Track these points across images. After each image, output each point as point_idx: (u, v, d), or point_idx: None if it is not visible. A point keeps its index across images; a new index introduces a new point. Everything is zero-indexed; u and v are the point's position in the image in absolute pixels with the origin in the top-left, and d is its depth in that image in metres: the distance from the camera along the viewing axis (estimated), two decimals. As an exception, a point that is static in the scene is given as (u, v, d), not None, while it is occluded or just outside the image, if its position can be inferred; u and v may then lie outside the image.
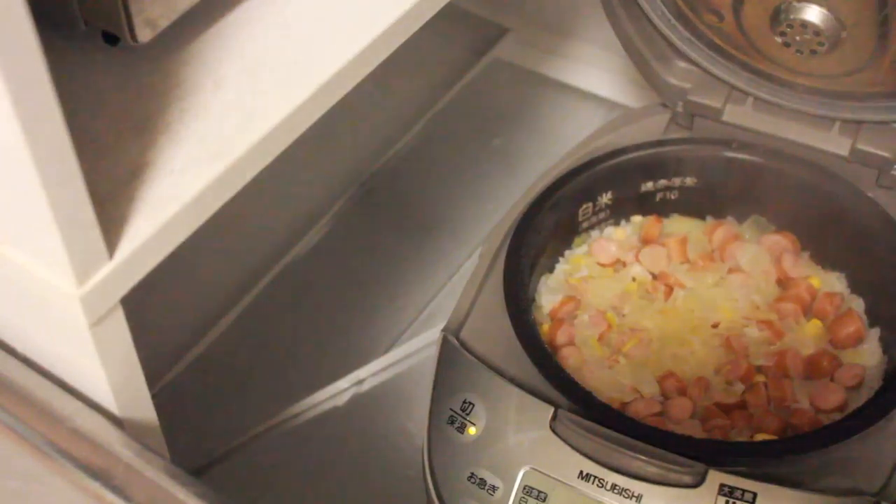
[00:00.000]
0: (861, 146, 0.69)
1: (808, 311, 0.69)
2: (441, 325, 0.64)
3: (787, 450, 0.56)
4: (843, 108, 0.70)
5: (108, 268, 0.44)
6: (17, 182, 0.41)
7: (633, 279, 0.71)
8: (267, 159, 0.51)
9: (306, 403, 0.80)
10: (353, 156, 0.99)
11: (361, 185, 0.97)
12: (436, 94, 1.04)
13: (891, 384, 0.60)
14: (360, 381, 0.81)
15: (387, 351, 0.83)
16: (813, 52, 0.67)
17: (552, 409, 0.57)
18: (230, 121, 0.50)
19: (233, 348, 0.84)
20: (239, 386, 0.82)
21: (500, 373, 0.59)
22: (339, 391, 0.81)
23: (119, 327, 0.46)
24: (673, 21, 0.71)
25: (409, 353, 0.82)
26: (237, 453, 0.77)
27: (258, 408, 0.80)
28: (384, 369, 0.81)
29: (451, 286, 0.88)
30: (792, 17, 0.66)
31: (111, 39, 0.52)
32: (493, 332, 0.62)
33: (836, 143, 0.70)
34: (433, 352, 0.62)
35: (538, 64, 1.05)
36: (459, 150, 1.00)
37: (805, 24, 0.66)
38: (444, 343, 0.62)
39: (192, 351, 0.83)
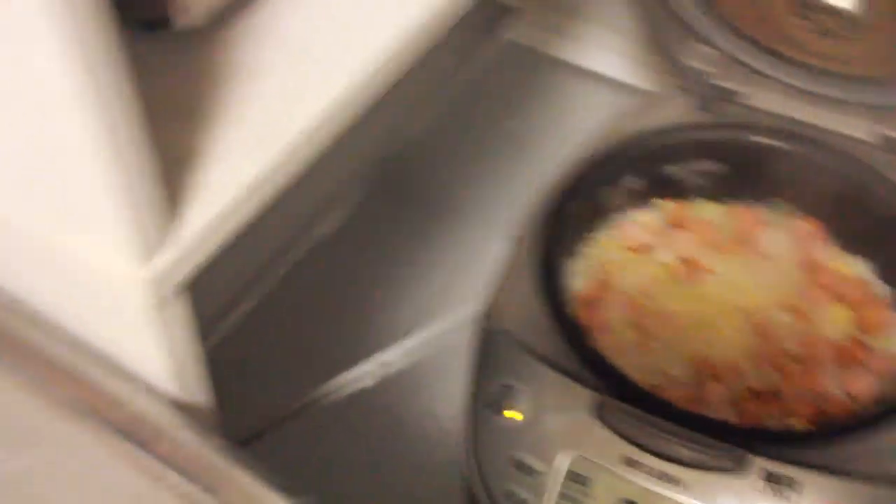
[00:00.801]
0: (890, 132, 0.70)
1: (835, 298, 0.70)
2: (462, 308, 0.64)
3: (829, 438, 0.57)
4: (871, 93, 0.70)
5: (173, 250, 0.44)
6: (83, 165, 0.41)
7: (662, 263, 0.71)
8: (319, 145, 0.51)
9: (334, 384, 0.80)
10: (366, 142, 0.99)
11: (375, 168, 0.96)
12: (446, 77, 1.03)
13: None
14: (388, 364, 0.81)
15: (410, 334, 0.83)
16: (839, 36, 0.67)
17: (596, 395, 0.57)
18: (279, 106, 0.50)
19: (256, 332, 0.83)
20: (266, 367, 0.81)
21: (541, 358, 0.59)
22: (366, 372, 0.81)
23: (182, 310, 0.46)
24: (694, 5, 0.71)
25: (434, 336, 0.82)
26: (272, 431, 0.77)
27: (287, 389, 0.80)
28: (410, 352, 0.81)
29: (471, 268, 0.87)
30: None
31: (149, 25, 0.52)
32: (529, 317, 0.62)
33: (863, 129, 0.70)
34: (457, 335, 0.62)
35: (548, 46, 1.04)
36: (472, 134, 1.00)
37: (830, 8, 0.66)
38: (483, 329, 0.62)
39: (217, 330, 0.82)
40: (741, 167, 0.74)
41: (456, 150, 0.99)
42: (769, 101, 0.73)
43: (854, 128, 0.71)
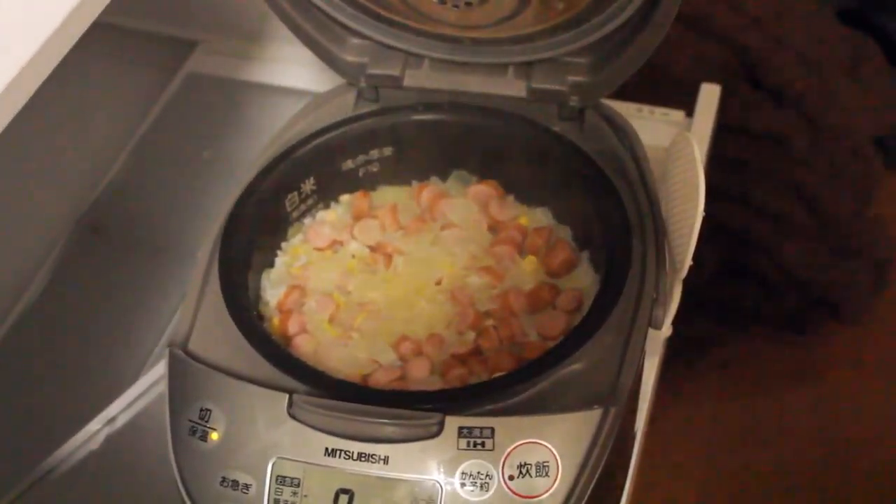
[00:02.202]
0: (536, 85, 0.73)
1: (521, 250, 0.72)
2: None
3: (514, 381, 0.59)
4: (512, 52, 0.73)
5: None
6: None
7: (353, 256, 0.72)
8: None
9: (58, 457, 0.78)
10: (65, 195, 0.97)
11: (78, 222, 0.95)
12: (137, 120, 1.03)
13: (600, 298, 0.63)
14: (112, 419, 0.80)
15: (133, 382, 0.82)
16: (468, 4, 0.70)
17: (286, 396, 0.57)
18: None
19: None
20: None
21: (231, 374, 0.60)
22: (91, 434, 0.79)
23: None
24: (336, 1, 0.72)
25: (155, 381, 0.81)
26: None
27: (7, 472, 0.77)
28: (133, 402, 0.80)
29: (185, 304, 0.87)
30: (438, -25, 0.68)
31: None
32: (219, 336, 0.62)
33: (513, 87, 0.73)
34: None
35: (234, 70, 1.05)
36: (172, 170, 1.00)
37: (455, -17, 0.68)
38: (171, 357, 0.61)
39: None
40: (412, 147, 0.75)
41: (159, 190, 0.99)
42: (424, 78, 0.75)
43: (506, 87, 0.74)
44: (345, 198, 0.76)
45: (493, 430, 0.57)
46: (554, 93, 0.73)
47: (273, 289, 0.71)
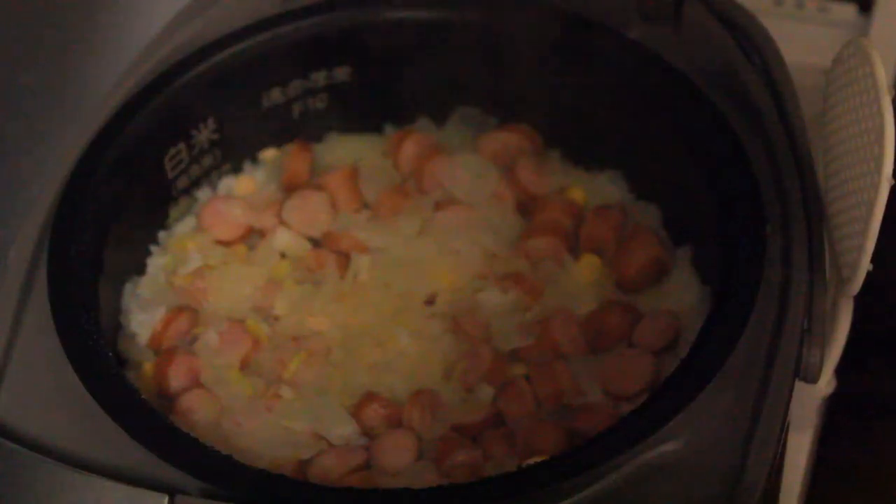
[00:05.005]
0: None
1: (574, 244, 0.72)
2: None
3: (563, 472, 0.56)
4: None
5: None
6: None
7: (282, 255, 0.72)
8: None
9: None
10: None
11: None
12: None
13: (710, 330, 0.60)
14: None
15: None
16: None
17: (164, 499, 0.55)
18: None
19: None
20: None
21: (70, 461, 0.57)
22: None
23: None
24: None
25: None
26: None
27: None
28: None
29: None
30: None
31: None
32: (48, 395, 0.61)
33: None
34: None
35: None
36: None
37: None
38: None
39: None
40: (385, 68, 0.76)
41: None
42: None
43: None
44: (268, 154, 0.76)
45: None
46: None
47: (143, 313, 0.70)
